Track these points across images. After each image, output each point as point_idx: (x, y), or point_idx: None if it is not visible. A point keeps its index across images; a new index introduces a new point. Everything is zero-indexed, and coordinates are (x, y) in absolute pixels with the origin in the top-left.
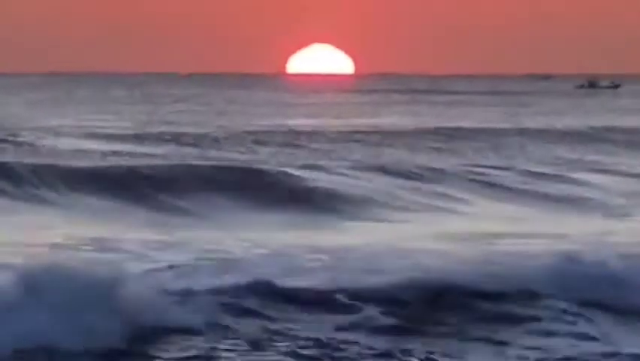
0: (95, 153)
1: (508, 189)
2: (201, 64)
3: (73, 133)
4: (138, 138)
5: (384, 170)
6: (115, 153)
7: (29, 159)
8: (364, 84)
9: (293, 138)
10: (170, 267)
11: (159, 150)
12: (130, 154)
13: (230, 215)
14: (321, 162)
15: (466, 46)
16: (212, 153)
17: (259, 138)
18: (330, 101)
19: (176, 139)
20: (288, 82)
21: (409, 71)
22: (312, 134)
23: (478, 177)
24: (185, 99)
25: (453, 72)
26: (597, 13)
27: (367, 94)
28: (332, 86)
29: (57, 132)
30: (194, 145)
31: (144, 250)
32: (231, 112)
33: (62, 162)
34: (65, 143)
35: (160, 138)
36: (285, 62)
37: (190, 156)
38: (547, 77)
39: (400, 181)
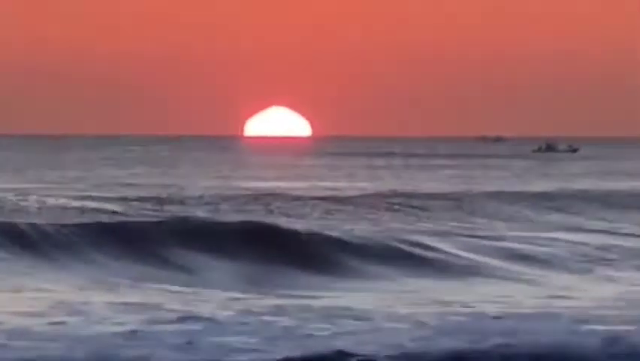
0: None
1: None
2: (159, 126)
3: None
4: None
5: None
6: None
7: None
8: (321, 147)
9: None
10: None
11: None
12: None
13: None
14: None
15: (420, 108)
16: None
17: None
18: (289, 164)
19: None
20: (247, 144)
21: (364, 133)
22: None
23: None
24: (154, 161)
25: (407, 134)
26: (551, 75)
27: (323, 157)
28: (290, 148)
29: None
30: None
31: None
32: (196, 174)
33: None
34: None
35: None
36: (243, 124)
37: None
38: (498, 140)
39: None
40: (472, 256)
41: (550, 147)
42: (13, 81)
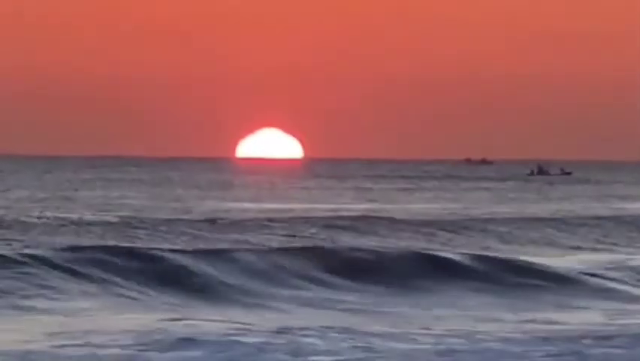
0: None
1: None
2: (150, 148)
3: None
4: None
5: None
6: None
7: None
8: (314, 169)
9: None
10: None
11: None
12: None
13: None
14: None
15: (415, 130)
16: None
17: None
18: (286, 186)
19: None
20: (239, 166)
21: (355, 156)
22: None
23: None
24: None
25: (398, 156)
26: (535, 98)
27: (315, 179)
28: (283, 170)
29: None
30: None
31: None
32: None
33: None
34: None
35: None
36: (235, 146)
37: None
38: (483, 162)
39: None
40: None
41: (542, 171)
42: (4, 104)
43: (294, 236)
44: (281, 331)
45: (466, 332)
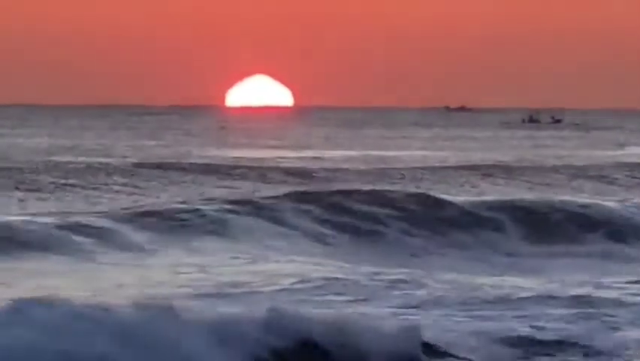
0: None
1: None
2: (138, 97)
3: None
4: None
5: None
6: None
7: None
8: (304, 118)
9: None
10: None
11: None
12: None
13: None
14: None
15: (401, 79)
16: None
17: None
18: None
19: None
20: (229, 115)
21: (347, 104)
22: None
23: None
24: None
25: (388, 104)
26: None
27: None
28: (271, 118)
29: None
30: None
31: None
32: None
33: None
34: None
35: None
36: (224, 93)
37: None
38: (462, 109)
39: None
40: None
41: (533, 119)
42: None
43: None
44: None
45: None
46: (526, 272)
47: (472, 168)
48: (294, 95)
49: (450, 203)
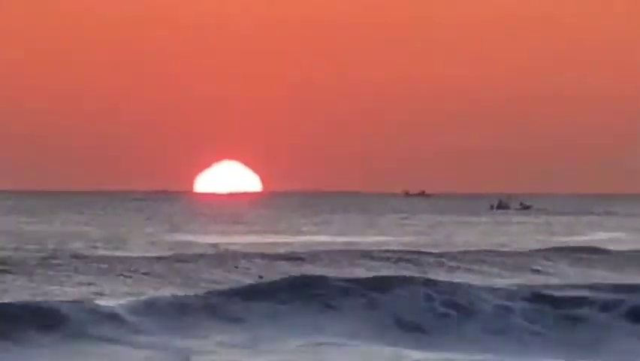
0: None
1: None
2: (109, 182)
3: None
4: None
5: None
6: None
7: None
8: (275, 202)
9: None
10: None
11: None
12: None
13: None
14: None
15: (371, 163)
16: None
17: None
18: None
19: None
20: (198, 200)
21: (314, 188)
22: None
23: None
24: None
25: (350, 188)
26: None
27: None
28: (241, 204)
29: None
30: None
31: None
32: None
33: None
34: None
35: None
36: (193, 179)
37: None
38: (421, 195)
39: None
40: None
41: (502, 205)
42: None
43: None
44: None
45: None
46: None
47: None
48: (262, 180)
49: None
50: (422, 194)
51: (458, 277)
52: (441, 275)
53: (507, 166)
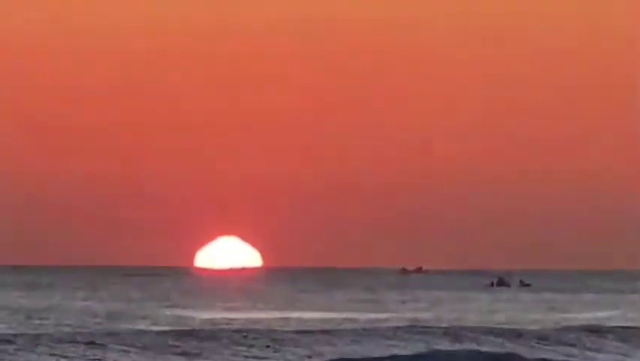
0: None
1: None
2: (110, 258)
3: None
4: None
5: None
6: None
7: None
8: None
9: None
10: None
11: None
12: None
13: None
14: None
15: (374, 238)
16: None
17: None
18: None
19: None
20: (198, 277)
21: (315, 264)
22: None
23: None
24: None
25: (353, 265)
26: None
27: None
28: (241, 280)
29: None
30: None
31: None
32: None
33: None
34: None
35: None
36: (193, 255)
37: None
38: (419, 271)
39: None
40: None
41: (502, 282)
42: None
43: None
44: None
45: None
46: None
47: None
48: (263, 255)
49: None
50: (419, 270)
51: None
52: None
53: (503, 241)
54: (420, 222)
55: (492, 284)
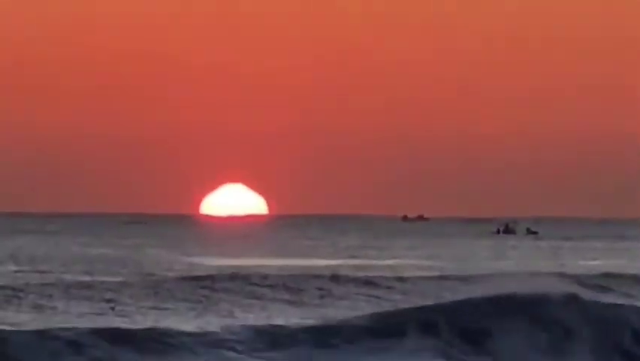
0: None
1: None
2: (112, 205)
3: None
4: None
5: None
6: None
7: None
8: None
9: None
10: None
11: None
12: None
13: None
14: None
15: (375, 185)
16: None
17: None
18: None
19: None
20: (205, 224)
21: (322, 211)
22: None
23: None
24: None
25: (356, 212)
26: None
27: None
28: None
29: None
30: None
31: None
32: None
33: None
34: None
35: None
36: (199, 202)
37: None
38: (420, 219)
39: None
40: None
41: (508, 229)
42: None
43: None
44: None
45: None
46: None
47: None
48: (268, 203)
49: None
50: (420, 218)
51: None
52: None
53: (507, 189)
54: (423, 170)
55: (498, 231)
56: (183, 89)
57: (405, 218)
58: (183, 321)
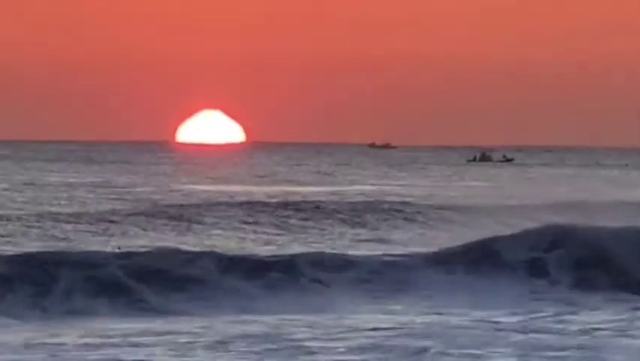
0: None
1: None
2: (88, 132)
3: None
4: None
5: None
6: None
7: None
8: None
9: None
10: None
11: None
12: None
13: None
14: None
15: (353, 115)
16: None
17: None
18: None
19: None
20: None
21: (299, 140)
22: None
23: None
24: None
25: (333, 140)
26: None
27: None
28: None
29: None
30: None
31: None
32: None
33: None
34: None
35: None
36: (175, 129)
37: None
38: (386, 147)
39: None
40: None
41: (485, 157)
42: None
43: None
44: None
45: None
46: None
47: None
48: (245, 130)
49: None
50: (387, 146)
51: None
52: None
53: (474, 119)
54: (389, 98)
55: (474, 159)
56: (160, 12)
57: (372, 145)
58: None
